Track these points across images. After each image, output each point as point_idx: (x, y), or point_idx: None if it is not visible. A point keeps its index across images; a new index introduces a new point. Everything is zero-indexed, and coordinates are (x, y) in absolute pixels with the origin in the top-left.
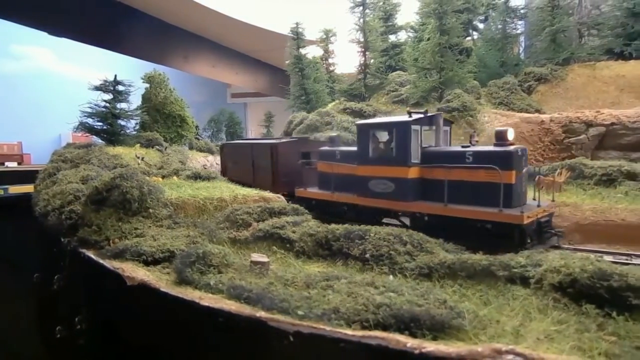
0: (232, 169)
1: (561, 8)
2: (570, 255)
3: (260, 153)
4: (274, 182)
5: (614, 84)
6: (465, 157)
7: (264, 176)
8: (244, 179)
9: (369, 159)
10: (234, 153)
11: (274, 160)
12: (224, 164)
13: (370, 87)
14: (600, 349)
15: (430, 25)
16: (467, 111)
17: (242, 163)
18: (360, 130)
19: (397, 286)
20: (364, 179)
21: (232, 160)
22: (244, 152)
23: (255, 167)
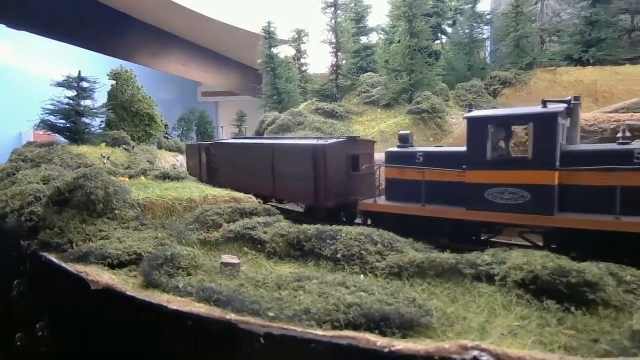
0: (228, 175)
1: (525, 15)
2: (533, 253)
3: (293, 157)
4: (320, 194)
5: (573, 89)
6: (634, 156)
7: (300, 185)
8: (255, 188)
9: (485, 161)
10: (231, 155)
11: (322, 166)
12: (208, 167)
13: (342, 88)
14: (560, 342)
15: (401, 28)
16: (436, 113)
17: (249, 168)
18: (474, 125)
19: (368, 286)
20: (477, 187)
21: (227, 164)
22: (253, 155)
23: (280, 174)
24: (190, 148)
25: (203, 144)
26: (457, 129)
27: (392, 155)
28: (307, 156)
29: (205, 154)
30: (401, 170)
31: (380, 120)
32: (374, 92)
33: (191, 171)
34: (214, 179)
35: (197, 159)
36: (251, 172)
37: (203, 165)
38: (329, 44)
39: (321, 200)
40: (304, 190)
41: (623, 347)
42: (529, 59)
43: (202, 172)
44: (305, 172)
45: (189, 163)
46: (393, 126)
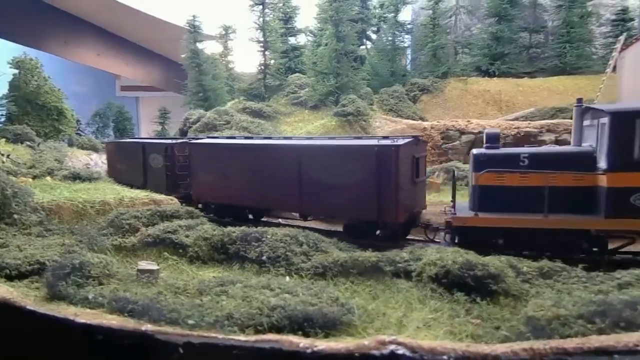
0: (211, 185)
1: (440, 27)
2: (445, 249)
3: (339, 161)
4: (387, 206)
5: (482, 98)
6: None
7: (351, 197)
8: (263, 202)
9: (632, 162)
10: (217, 160)
11: (391, 171)
12: (171, 174)
13: (270, 88)
14: (467, 331)
15: (328, 31)
16: (361, 116)
17: (253, 177)
18: (618, 121)
19: (292, 287)
20: (620, 191)
21: (211, 171)
22: (261, 160)
23: (312, 183)
24: (118, 147)
25: (155, 143)
26: (380, 131)
27: (485, 157)
28: (367, 160)
29: (161, 157)
30: (499, 176)
31: (307, 121)
32: (302, 93)
33: (120, 175)
34: (179, 189)
35: (137, 160)
36: (257, 182)
37: (155, 170)
38: (257, 42)
39: (390, 215)
40: (359, 202)
41: (520, 332)
42: (444, 68)
43: (149, 178)
44: (362, 179)
45: (114, 165)
46: (320, 127)
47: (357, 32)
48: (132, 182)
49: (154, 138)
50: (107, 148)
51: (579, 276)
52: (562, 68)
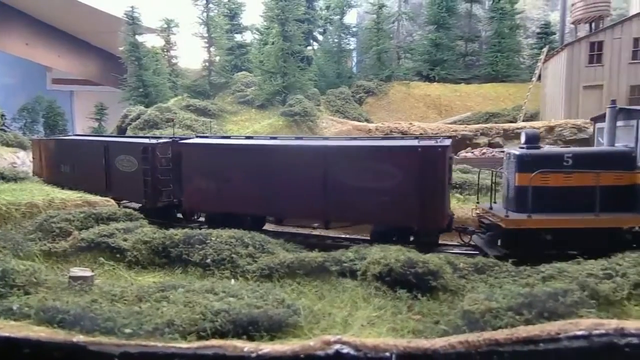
0: (208, 191)
1: (384, 31)
2: (389, 248)
3: (372, 163)
4: (433, 211)
5: (423, 102)
6: None
7: (386, 202)
8: (276, 209)
9: None
10: (217, 163)
11: (438, 174)
12: (151, 180)
13: (216, 85)
14: (409, 327)
15: (274, 30)
16: (308, 116)
17: (265, 182)
18: None
19: (237, 290)
20: None
21: (208, 176)
22: (275, 163)
23: (339, 187)
24: (60, 145)
25: (125, 142)
26: (327, 132)
27: (529, 157)
28: (409, 161)
29: (135, 159)
30: (544, 177)
31: (254, 120)
32: (249, 91)
33: (63, 179)
34: (161, 197)
35: (94, 163)
36: (268, 188)
37: (126, 175)
38: (201, 37)
39: (434, 220)
40: (396, 207)
41: (457, 326)
42: (388, 72)
43: (114, 184)
44: (401, 182)
45: (52, 166)
46: (267, 127)
47: (303, 32)
48: (83, 188)
49: (122, 136)
50: (41, 146)
51: (509, 270)
52: (494, 76)
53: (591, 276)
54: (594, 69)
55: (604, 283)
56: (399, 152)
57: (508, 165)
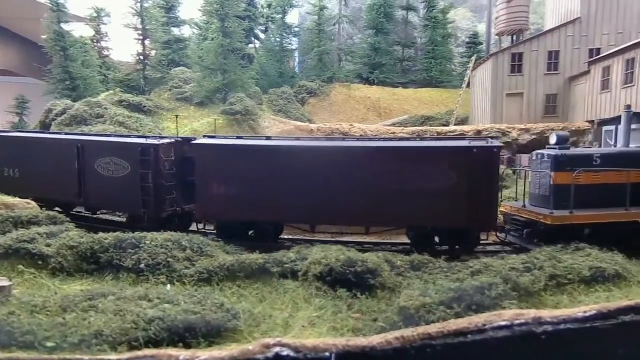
0: (229, 196)
1: (326, 33)
2: (330, 248)
3: (421, 163)
4: (486, 212)
5: (364, 104)
6: None
7: (439, 202)
8: (302, 216)
9: None
10: (239, 165)
11: (493, 173)
12: (157, 185)
13: (151, 80)
14: (349, 326)
15: (214, 25)
16: (250, 115)
17: (301, 185)
18: None
19: (173, 296)
20: None
21: (232, 179)
22: (310, 166)
23: (383, 190)
24: (4, 143)
25: (110, 142)
26: (269, 132)
27: (565, 158)
28: (463, 162)
29: (127, 162)
30: (577, 175)
31: (193, 118)
32: (187, 88)
33: (4, 185)
34: (164, 205)
35: (63, 165)
36: (301, 192)
37: (110, 181)
38: (134, 29)
39: (486, 222)
40: (445, 209)
41: (394, 322)
42: (329, 74)
43: (90, 190)
44: (453, 184)
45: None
46: (207, 125)
47: (244, 29)
48: (40, 196)
49: (103, 135)
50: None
51: (442, 267)
52: (429, 81)
53: (513, 270)
54: (515, 78)
55: (524, 276)
56: (455, 153)
57: (541, 166)
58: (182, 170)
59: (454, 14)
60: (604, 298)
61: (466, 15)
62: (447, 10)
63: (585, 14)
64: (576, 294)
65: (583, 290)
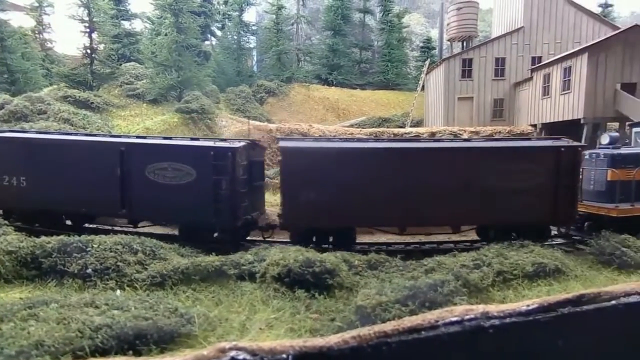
0: (319, 202)
1: (284, 32)
2: (288, 249)
3: (519, 163)
4: (569, 207)
5: (322, 104)
6: None
7: (525, 201)
8: (402, 218)
9: None
10: (333, 168)
11: (575, 171)
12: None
13: (100, 76)
14: (306, 327)
15: (167, 20)
16: (206, 114)
17: (403, 187)
18: None
19: (123, 302)
20: None
21: (325, 184)
22: (413, 167)
23: (489, 189)
24: (15, 146)
25: (163, 145)
26: (226, 131)
27: (620, 157)
28: (553, 160)
29: (189, 167)
30: (628, 172)
31: (145, 116)
32: (139, 84)
33: (17, 196)
34: (238, 213)
35: (105, 172)
36: (400, 194)
37: (166, 189)
38: (80, 21)
39: (569, 216)
40: (532, 205)
41: (350, 321)
42: (288, 73)
43: (137, 200)
44: (541, 181)
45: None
46: (160, 123)
47: (200, 25)
48: (55, 208)
49: (154, 137)
50: None
51: (398, 265)
52: (386, 83)
53: (464, 267)
54: (465, 83)
55: (474, 272)
56: (545, 152)
57: (596, 164)
58: (250, 176)
59: (409, 18)
60: (545, 292)
61: (420, 21)
62: (402, 15)
63: (528, 23)
64: (520, 288)
65: (527, 285)
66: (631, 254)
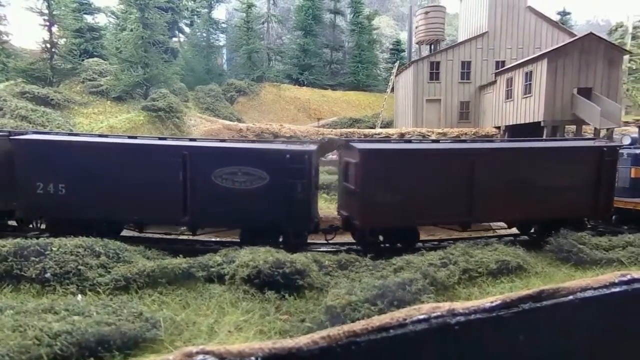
0: (395, 203)
1: (254, 31)
2: (257, 250)
3: (572, 162)
4: (606, 202)
5: (294, 104)
6: None
7: (573, 196)
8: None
9: None
10: (411, 170)
11: (613, 169)
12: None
13: (61, 71)
14: (276, 328)
15: (133, 15)
16: (174, 112)
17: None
18: None
19: (84, 307)
20: None
21: (402, 185)
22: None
23: (548, 186)
24: (25, 149)
25: (240, 148)
26: (195, 130)
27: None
28: (596, 159)
29: (261, 171)
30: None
31: (110, 113)
32: (103, 81)
33: (35, 204)
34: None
35: (164, 178)
36: (471, 193)
37: (234, 193)
38: (39, 14)
39: (607, 209)
40: (575, 201)
41: (321, 322)
42: (259, 72)
43: (216, 208)
44: (585, 179)
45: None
46: (126, 122)
47: (167, 22)
48: (110, 216)
49: (216, 140)
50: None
51: (368, 265)
52: (356, 84)
53: (431, 265)
54: (433, 85)
55: (441, 271)
56: (591, 152)
57: (620, 163)
58: (316, 178)
59: (379, 20)
60: (507, 288)
61: (389, 23)
62: (372, 17)
63: (492, 28)
64: (485, 285)
65: (491, 282)
66: (587, 251)
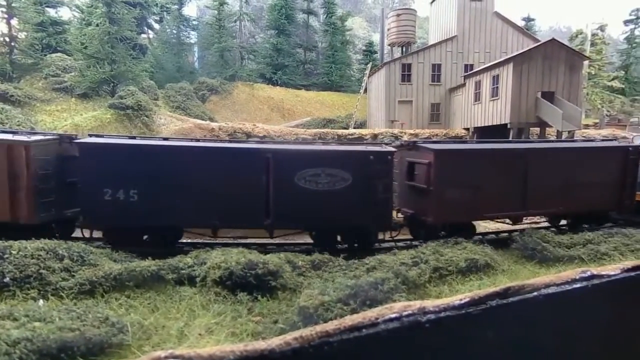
0: (464, 199)
1: (226, 29)
2: (230, 251)
3: (594, 160)
4: (629, 197)
5: (267, 104)
6: None
7: (598, 191)
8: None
9: None
10: (478, 168)
11: (638, 166)
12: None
13: (21, 66)
14: (248, 330)
15: (99, 10)
16: (143, 111)
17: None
18: None
19: (45, 313)
20: None
21: (469, 182)
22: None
23: (579, 183)
24: (98, 153)
25: (326, 150)
26: (165, 129)
27: None
28: (623, 158)
29: (344, 172)
30: None
31: (74, 111)
32: (67, 77)
33: (101, 212)
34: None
35: (246, 182)
36: (523, 189)
37: (319, 195)
38: None
39: (631, 203)
40: (604, 196)
41: (293, 323)
42: (231, 71)
43: (294, 211)
44: (612, 176)
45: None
46: (91, 120)
47: (135, 17)
48: (181, 224)
49: (295, 143)
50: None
51: (341, 265)
52: (330, 85)
53: (403, 265)
54: (405, 87)
55: (412, 270)
56: (619, 151)
57: None
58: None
59: (351, 22)
60: (476, 286)
61: (362, 25)
62: (345, 18)
63: (460, 32)
64: (454, 283)
65: (460, 280)
66: (550, 248)
